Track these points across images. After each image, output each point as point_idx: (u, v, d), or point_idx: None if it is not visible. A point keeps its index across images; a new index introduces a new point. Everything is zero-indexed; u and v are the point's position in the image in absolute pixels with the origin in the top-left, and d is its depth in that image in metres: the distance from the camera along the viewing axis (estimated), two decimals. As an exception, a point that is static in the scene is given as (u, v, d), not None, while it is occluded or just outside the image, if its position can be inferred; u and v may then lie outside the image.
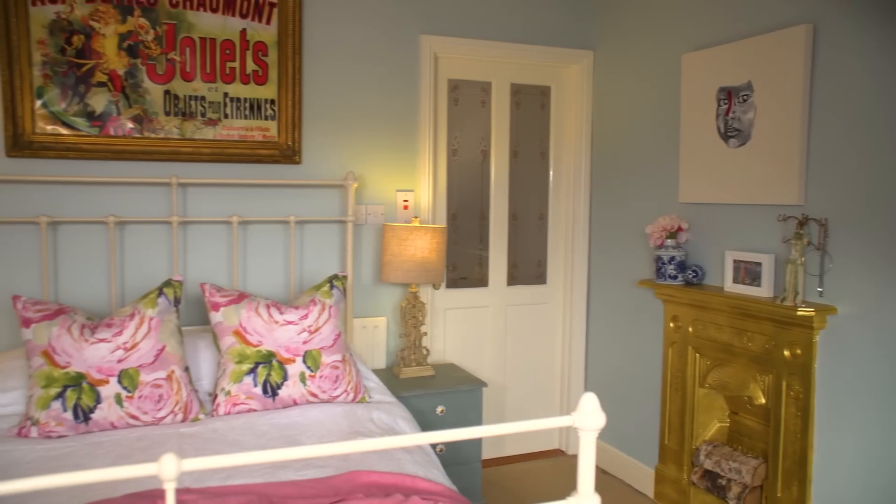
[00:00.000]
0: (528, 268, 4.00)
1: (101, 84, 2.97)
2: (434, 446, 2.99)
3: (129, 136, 3.02)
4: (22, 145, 2.87)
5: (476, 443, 3.25)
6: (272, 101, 3.21)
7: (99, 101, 2.97)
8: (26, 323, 2.39)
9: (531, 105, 3.93)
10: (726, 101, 2.97)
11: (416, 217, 3.39)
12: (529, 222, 3.98)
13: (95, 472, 1.06)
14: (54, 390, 2.32)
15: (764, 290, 2.76)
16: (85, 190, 2.99)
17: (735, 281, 2.90)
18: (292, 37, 3.20)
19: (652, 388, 3.47)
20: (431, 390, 3.15)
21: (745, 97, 2.88)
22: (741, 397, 2.93)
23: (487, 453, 3.84)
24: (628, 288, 3.64)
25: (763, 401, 2.78)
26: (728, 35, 3.01)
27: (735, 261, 2.90)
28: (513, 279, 3.95)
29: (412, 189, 3.54)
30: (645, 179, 3.52)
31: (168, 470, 1.08)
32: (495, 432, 1.25)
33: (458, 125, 3.76)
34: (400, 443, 1.20)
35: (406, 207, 3.52)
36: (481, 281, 3.89)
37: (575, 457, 4.00)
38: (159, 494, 1.71)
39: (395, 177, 3.50)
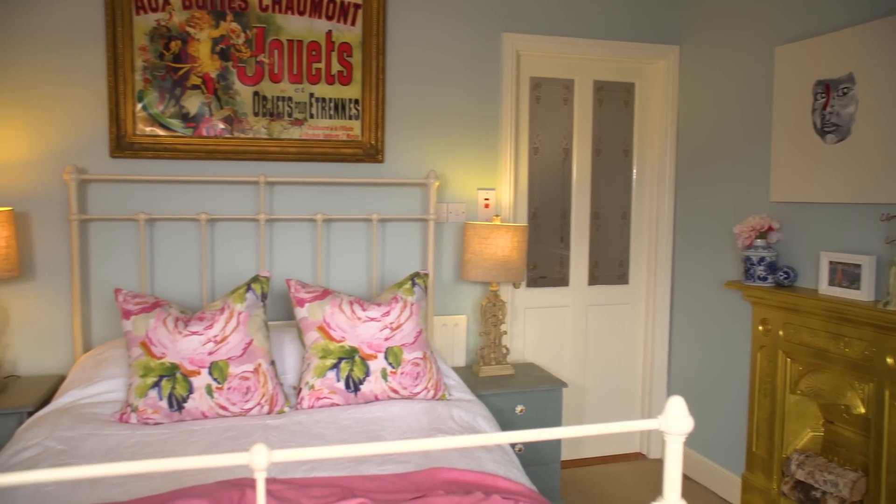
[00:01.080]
0: (609, 267, 3.93)
1: (195, 87, 3.09)
2: (513, 445, 2.98)
3: (220, 137, 3.14)
4: (124, 146, 3.02)
5: (555, 444, 3.22)
6: (356, 101, 3.27)
7: (193, 102, 3.10)
8: (126, 315, 2.52)
9: (614, 102, 3.86)
10: (824, 95, 2.84)
11: (497, 215, 3.38)
12: (612, 221, 3.91)
13: (192, 458, 1.11)
14: (151, 379, 2.44)
15: (864, 294, 2.62)
16: (179, 188, 3.12)
17: (831, 283, 2.76)
18: (376, 37, 3.25)
19: (738, 392, 3.35)
20: (511, 389, 3.14)
21: (845, 90, 2.74)
22: (837, 406, 2.79)
23: (566, 454, 3.80)
24: (714, 289, 3.53)
25: (862, 410, 2.64)
26: (827, 25, 2.87)
27: (831, 262, 2.76)
28: (594, 279, 3.89)
29: (493, 188, 3.53)
30: (733, 177, 3.40)
31: (259, 460, 1.12)
32: (581, 433, 1.24)
33: (540, 123, 3.73)
34: (485, 441, 1.20)
35: (487, 206, 3.52)
36: (562, 280, 3.85)
37: (656, 461, 3.91)
38: (248, 483, 1.77)
39: (476, 175, 3.51)
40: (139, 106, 3.04)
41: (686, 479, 3.69)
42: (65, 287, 3.03)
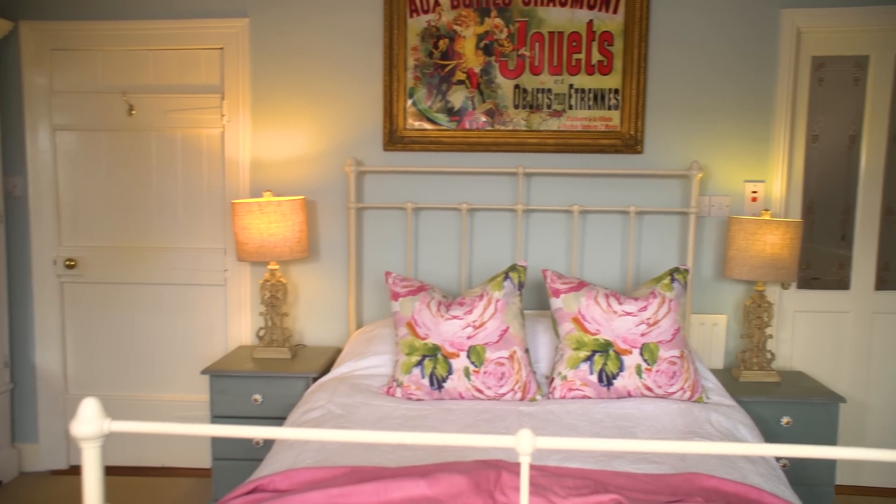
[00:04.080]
0: (902, 271, 3.44)
1: (459, 82, 3.25)
2: (777, 460, 2.74)
3: (481, 129, 3.26)
4: (395, 140, 3.28)
5: (829, 464, 2.90)
6: (616, 91, 3.21)
7: (457, 97, 3.25)
8: (395, 297, 2.73)
9: (917, 81, 3.35)
10: None
11: (766, 210, 3.11)
12: (907, 218, 3.41)
13: (464, 436, 1.17)
14: (415, 358, 2.62)
15: None
16: (442, 179, 3.30)
17: None
18: (639, 24, 3.16)
19: None
20: (776, 398, 2.89)
21: None
22: None
23: (841, 478, 3.40)
24: None
25: None
26: None
27: None
28: (882, 283, 3.42)
29: (763, 179, 3.26)
30: None
31: (525, 444, 1.15)
32: (865, 456, 1.10)
33: (821, 107, 3.36)
34: (764, 451, 1.11)
35: (755, 199, 3.26)
36: (841, 283, 3.44)
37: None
38: (503, 465, 1.82)
39: (743, 166, 3.26)
40: (409, 102, 3.26)
41: None
42: (342, 268, 3.37)
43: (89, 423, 1.18)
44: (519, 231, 3.23)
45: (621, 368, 2.58)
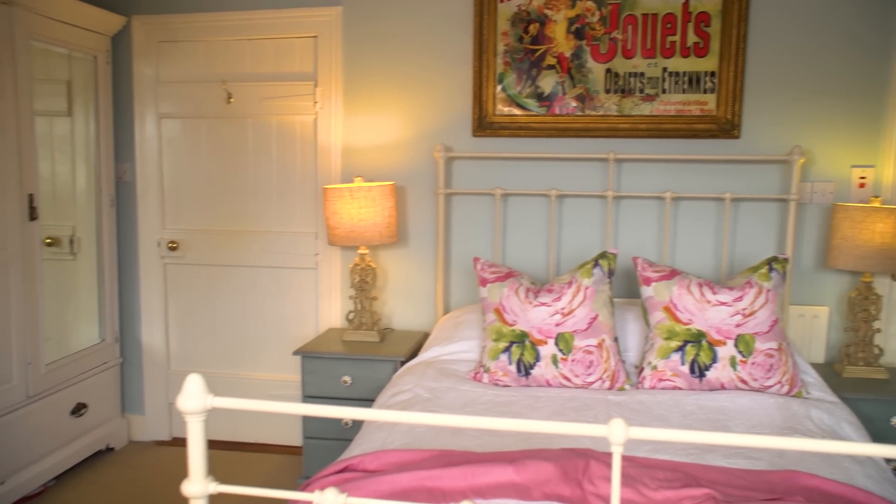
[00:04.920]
0: None
1: (549, 67, 3.20)
2: (888, 461, 2.60)
3: (571, 115, 3.21)
4: (484, 126, 3.27)
5: (941, 467, 2.73)
6: (712, 74, 3.09)
7: (547, 82, 3.21)
8: (483, 282, 2.74)
9: None
10: None
11: (876, 196, 2.94)
12: None
13: (551, 423, 1.16)
14: (503, 344, 2.62)
15: None
16: (531, 165, 3.28)
17: None
18: (738, 3, 3.02)
19: None
20: (886, 396, 2.73)
21: None
22: None
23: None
24: None
25: None
26: None
27: None
28: None
29: (873, 164, 3.08)
30: None
31: (617, 434, 1.13)
32: None
33: (940, 88, 3.13)
34: (874, 452, 1.06)
35: (863, 185, 3.08)
36: (958, 275, 3.21)
37: None
38: (592, 454, 1.80)
39: (850, 151, 3.09)
40: (499, 88, 3.25)
41: None
42: (430, 253, 3.40)
43: (194, 397, 1.24)
44: (609, 218, 3.17)
45: (714, 360, 2.50)
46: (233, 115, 3.57)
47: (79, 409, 3.37)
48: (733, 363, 2.49)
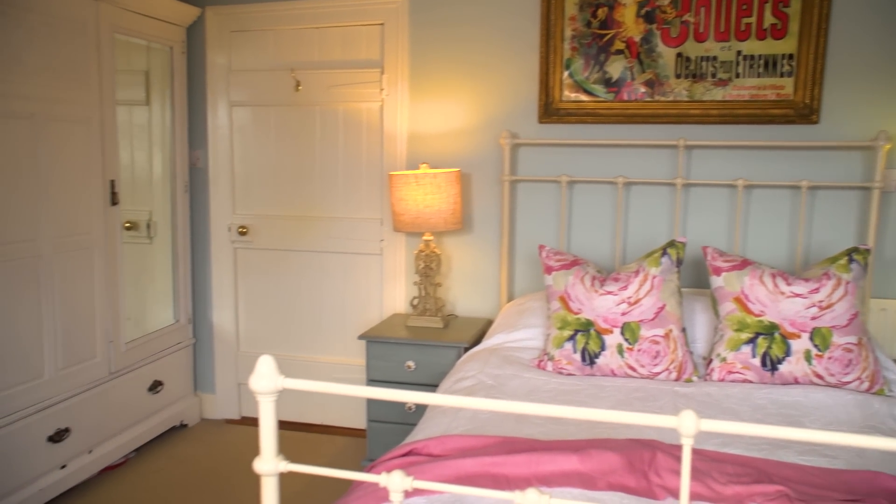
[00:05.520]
0: None
1: (618, 52, 3.14)
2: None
3: (640, 101, 3.15)
4: (550, 112, 3.23)
5: None
6: (790, 56, 2.97)
7: (616, 67, 3.15)
8: (548, 270, 2.72)
9: None
10: None
11: (966, 185, 2.79)
12: None
13: (620, 413, 1.14)
14: (567, 332, 2.60)
15: None
16: (598, 152, 3.23)
17: None
18: (820, -19, 2.90)
19: None
20: (971, 396, 2.60)
21: None
22: None
23: None
24: None
25: None
26: None
27: None
28: None
29: (963, 151, 2.91)
30: None
31: (688, 426, 1.11)
32: None
33: None
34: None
35: (952, 173, 2.92)
36: None
37: None
38: (658, 446, 1.78)
39: (939, 136, 2.93)
40: (566, 73, 3.20)
41: None
42: (494, 241, 3.40)
43: (266, 378, 1.27)
44: (677, 206, 3.10)
45: (788, 353, 2.43)
46: (301, 102, 3.63)
47: (155, 387, 3.51)
48: (808, 357, 2.41)
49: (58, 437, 2.91)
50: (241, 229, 3.77)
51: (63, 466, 2.96)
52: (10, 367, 2.72)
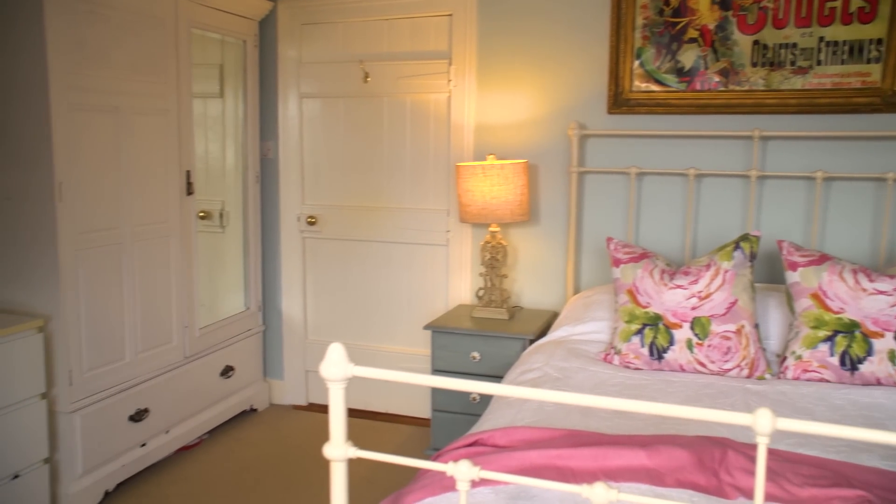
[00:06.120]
0: None
1: (691, 40, 3.06)
2: None
3: (713, 90, 3.06)
4: (620, 103, 3.18)
5: None
6: (878, 42, 2.84)
7: (688, 56, 3.07)
8: (616, 263, 2.68)
9: None
10: None
11: None
12: None
13: (692, 409, 1.12)
14: (635, 326, 2.56)
15: None
16: (668, 143, 3.16)
17: None
18: (911, -37, 2.76)
19: None
20: None
21: None
22: None
23: None
24: None
25: None
26: None
27: None
28: None
29: None
30: None
31: (764, 424, 1.08)
32: None
33: None
34: None
35: None
36: None
37: None
38: (730, 444, 1.74)
39: None
40: (636, 63, 3.14)
41: None
42: (561, 233, 3.37)
43: (337, 365, 1.29)
44: (752, 199, 3.00)
45: (870, 353, 2.33)
46: (369, 93, 3.67)
47: (227, 372, 3.63)
48: (892, 357, 2.30)
49: (138, 416, 3.04)
50: (309, 219, 3.85)
51: (143, 444, 3.10)
52: (97, 349, 2.86)
